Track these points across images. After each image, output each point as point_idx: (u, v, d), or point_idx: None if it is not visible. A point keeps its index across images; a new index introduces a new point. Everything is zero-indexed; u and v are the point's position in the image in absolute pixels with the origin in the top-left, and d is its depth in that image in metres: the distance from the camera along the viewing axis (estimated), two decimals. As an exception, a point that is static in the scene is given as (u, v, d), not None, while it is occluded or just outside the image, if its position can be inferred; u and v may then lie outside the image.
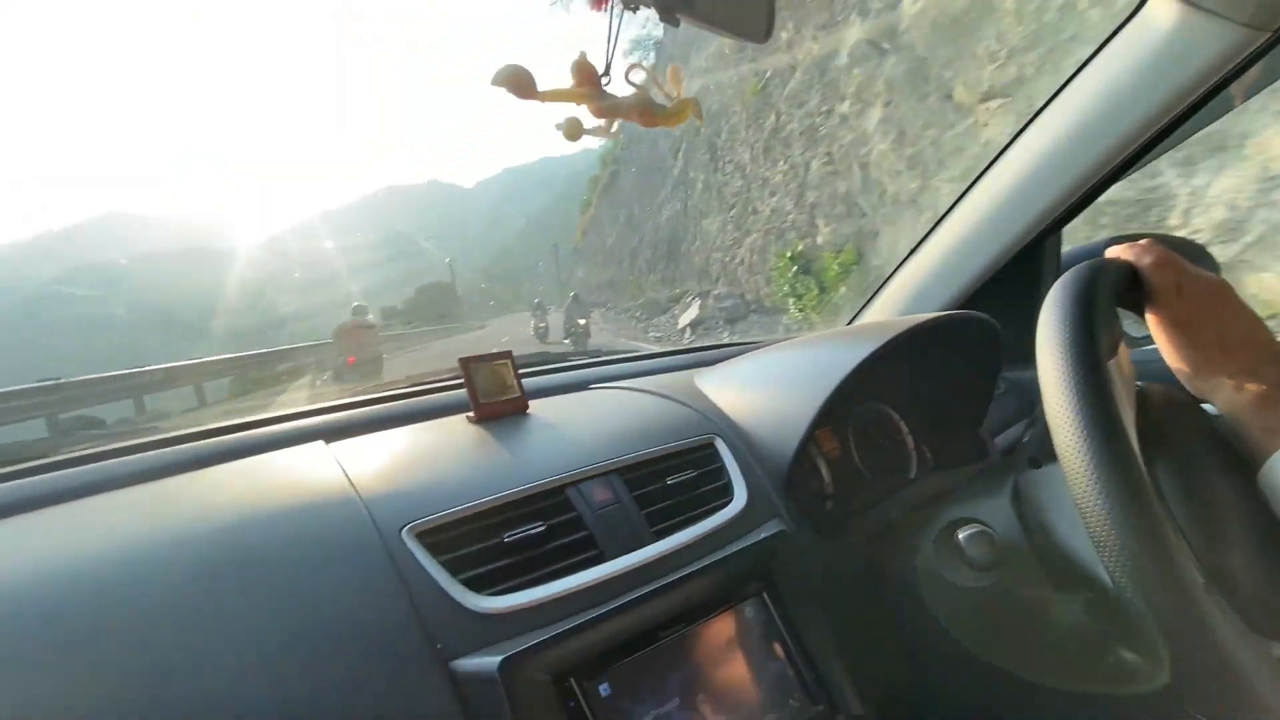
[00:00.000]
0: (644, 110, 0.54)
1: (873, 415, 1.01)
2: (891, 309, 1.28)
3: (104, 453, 0.84)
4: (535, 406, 0.89)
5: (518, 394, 0.89)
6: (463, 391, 0.92)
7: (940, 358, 0.97)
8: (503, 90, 0.48)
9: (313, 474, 0.73)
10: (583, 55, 0.51)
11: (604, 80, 0.51)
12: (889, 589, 0.78)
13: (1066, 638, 0.64)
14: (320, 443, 0.84)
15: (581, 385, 1.08)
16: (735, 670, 0.66)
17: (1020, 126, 1.08)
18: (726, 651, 0.67)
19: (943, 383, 1.00)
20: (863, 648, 0.74)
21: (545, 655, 0.56)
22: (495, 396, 0.88)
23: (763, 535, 0.72)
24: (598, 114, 0.53)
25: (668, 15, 0.49)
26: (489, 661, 0.53)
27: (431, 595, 0.58)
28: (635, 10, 0.50)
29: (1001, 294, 1.16)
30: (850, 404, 0.99)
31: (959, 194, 1.19)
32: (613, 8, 0.49)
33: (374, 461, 0.75)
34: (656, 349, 1.48)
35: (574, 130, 0.54)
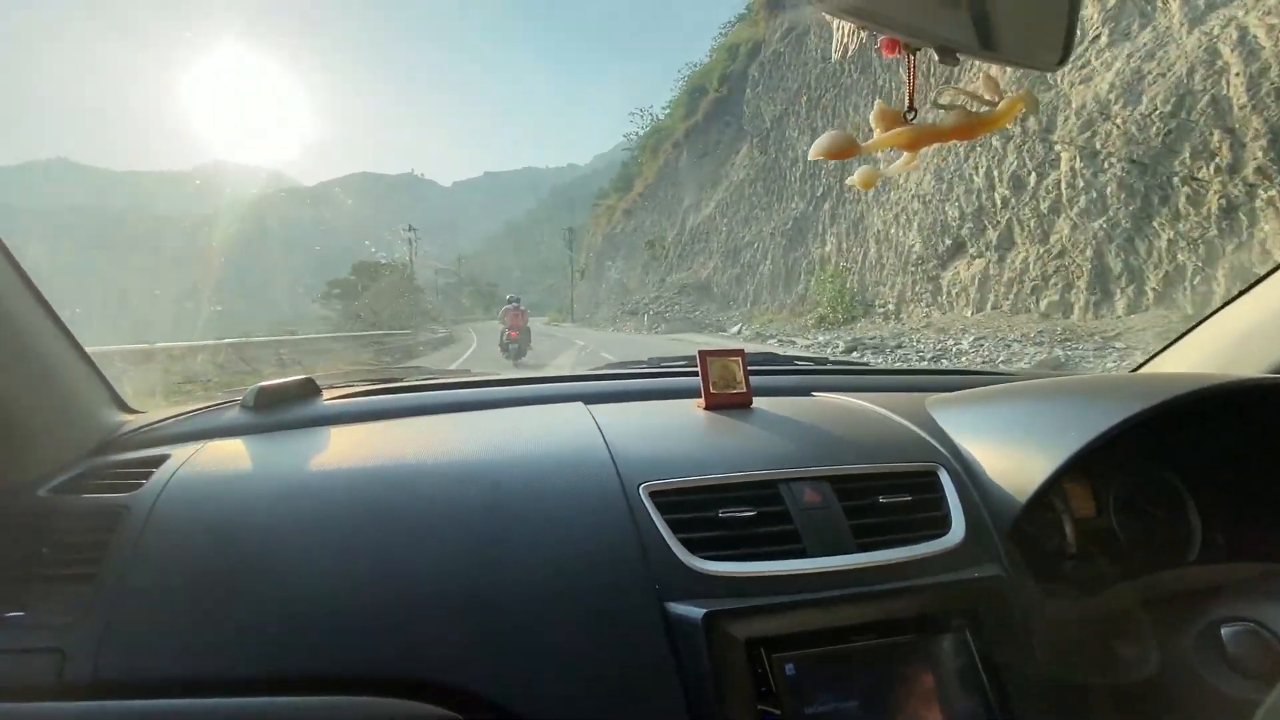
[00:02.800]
0: (966, 126, 0.53)
1: (1150, 482, 0.90)
2: (1196, 360, 1.08)
3: (430, 384, 1.11)
4: (759, 403, 1.00)
5: (744, 390, 1.01)
6: (695, 379, 1.05)
7: (1261, 428, 0.84)
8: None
9: (576, 428, 0.89)
10: (880, 103, 0.53)
11: (909, 117, 0.52)
12: (1121, 672, 0.73)
13: None
14: (580, 404, 1.00)
15: (804, 390, 1.13)
16: (921, 694, 0.66)
17: None
18: (915, 674, 0.67)
19: (1261, 460, 0.85)
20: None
21: (743, 620, 0.66)
22: (724, 389, 1.00)
23: (976, 575, 0.72)
24: (914, 146, 0.53)
25: (947, 57, 0.49)
26: (695, 611, 0.65)
27: (656, 545, 0.70)
28: (915, 53, 0.51)
29: None
30: (1118, 464, 0.90)
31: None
32: (908, 54, 0.50)
33: (622, 426, 0.89)
34: (885, 365, 1.56)
35: (869, 181, 0.56)
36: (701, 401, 0.99)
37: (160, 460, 0.78)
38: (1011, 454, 0.83)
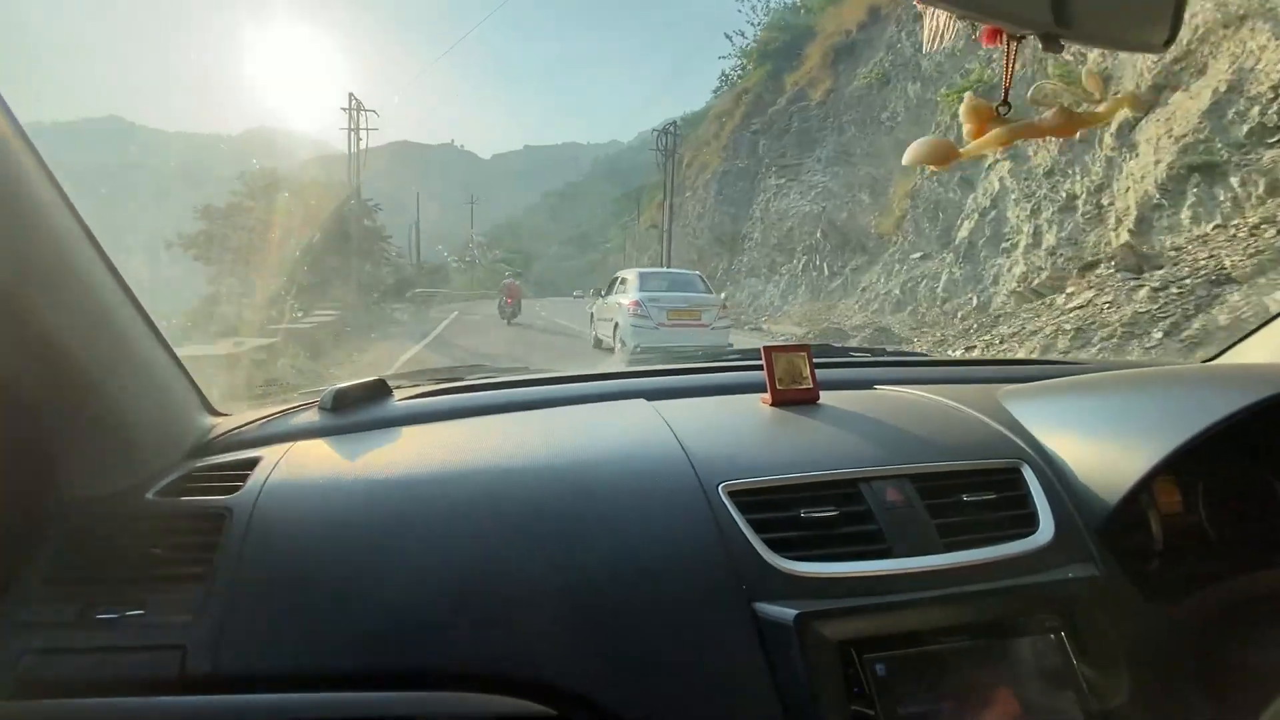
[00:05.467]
0: (1066, 123, 0.51)
1: (1240, 477, 0.86)
2: (1275, 350, 1.05)
3: (492, 383, 1.12)
4: (825, 398, 0.99)
5: (810, 385, 0.99)
6: (755, 374, 1.04)
7: None
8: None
9: (646, 426, 0.89)
10: (971, 97, 0.51)
11: (1002, 110, 0.51)
12: (1231, 682, 0.71)
13: None
14: (643, 400, 1.00)
15: (865, 384, 1.12)
16: (1015, 696, 0.66)
17: None
18: (1008, 676, 0.67)
19: None
20: None
21: (834, 621, 0.66)
22: (790, 384, 0.98)
23: (1069, 575, 0.70)
24: (1008, 143, 0.51)
25: (1050, 44, 0.47)
26: (786, 612, 0.65)
27: (740, 546, 0.70)
28: (1020, 40, 0.49)
29: None
30: (1205, 458, 0.85)
31: None
32: (1007, 41, 0.49)
33: (692, 424, 0.89)
34: (948, 356, 1.51)
35: (945, 160, 0.53)
36: (767, 397, 0.98)
37: (253, 463, 0.81)
38: (1101, 449, 0.80)
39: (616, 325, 8.47)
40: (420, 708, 0.65)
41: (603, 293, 10.15)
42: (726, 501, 0.72)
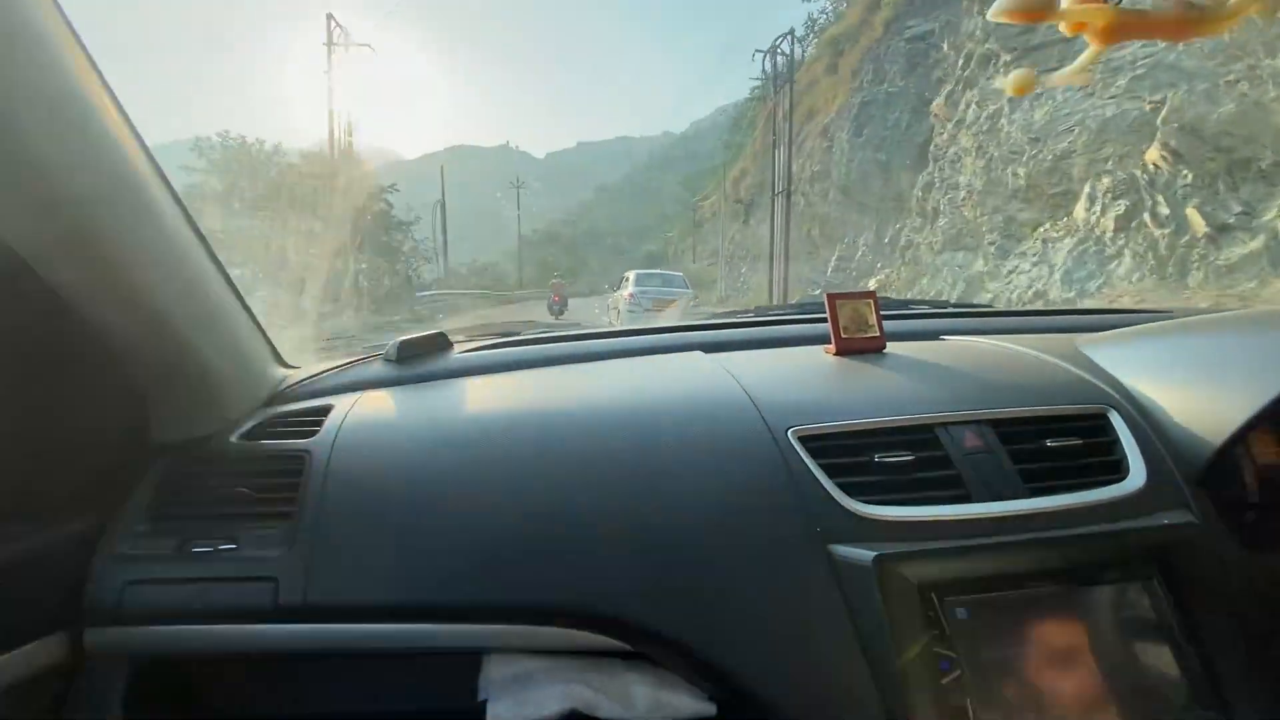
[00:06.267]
0: (1181, 21, 0.42)
1: None
2: None
3: (548, 337, 1.16)
4: (892, 348, 0.95)
5: (877, 333, 0.95)
6: (815, 326, 1.01)
7: None
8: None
9: (707, 375, 0.87)
10: None
11: None
12: None
13: None
14: (700, 352, 0.99)
15: (932, 334, 1.09)
16: (1105, 643, 0.64)
17: None
18: (1099, 622, 0.65)
19: None
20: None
21: (914, 564, 0.63)
22: (855, 333, 0.94)
23: (1165, 521, 0.68)
24: (1112, 36, 0.43)
25: None
26: (864, 554, 0.63)
27: (813, 490, 0.67)
28: None
29: None
30: None
31: None
32: None
33: (755, 372, 0.86)
34: (1015, 307, 1.46)
35: (1026, 83, 0.47)
36: (831, 347, 0.94)
37: (326, 410, 0.85)
38: (1196, 394, 0.77)
39: (619, 310, 11.66)
40: (494, 639, 0.66)
41: (615, 288, 13.13)
42: (797, 446, 0.71)
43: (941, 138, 12.05)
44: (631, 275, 12.15)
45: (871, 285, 9.96)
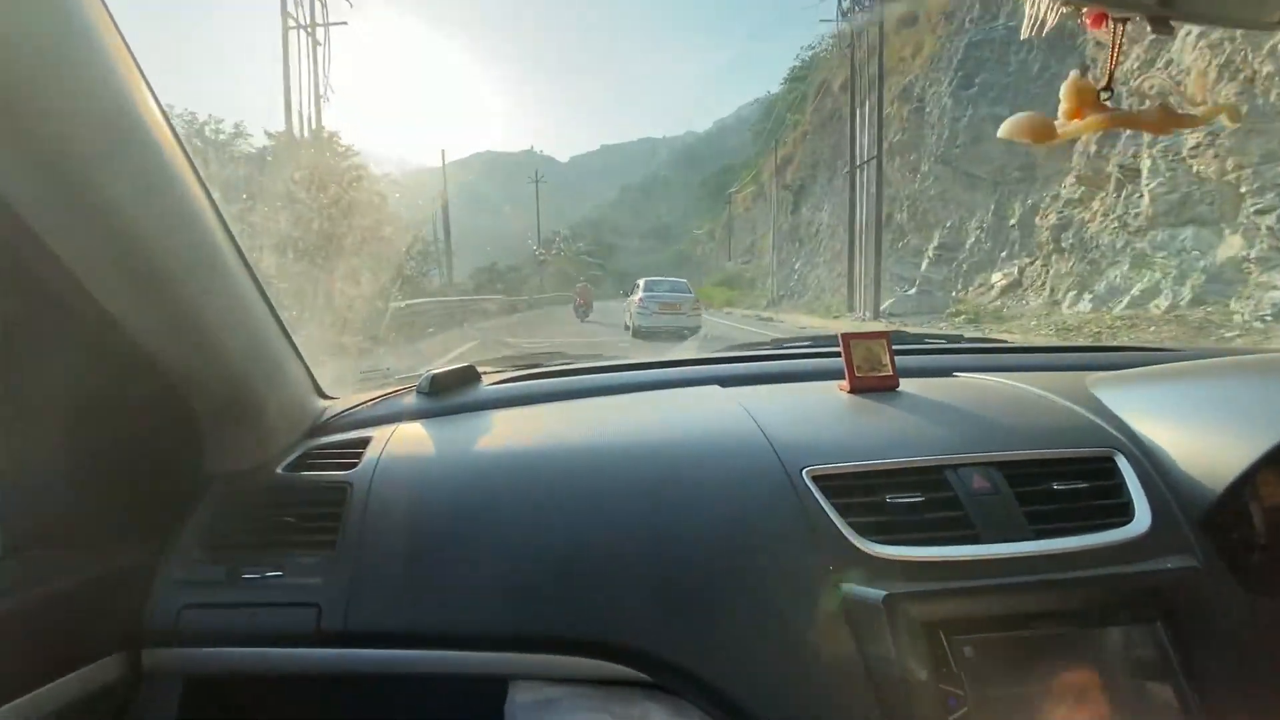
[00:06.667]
0: (1163, 120, 0.50)
1: None
2: None
3: (572, 369, 1.20)
4: (905, 385, 0.97)
5: (890, 372, 0.97)
6: (830, 360, 1.04)
7: None
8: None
9: (724, 411, 0.91)
10: (1076, 77, 0.50)
11: (1104, 96, 0.50)
12: None
13: None
14: (717, 386, 1.03)
15: (945, 370, 1.10)
16: (1109, 685, 0.65)
17: None
18: (1102, 664, 0.66)
19: None
20: None
21: (922, 603, 0.66)
22: (869, 371, 0.97)
23: (1168, 565, 0.69)
24: (1102, 128, 0.50)
25: (1160, 27, 0.45)
26: (875, 594, 0.65)
27: (825, 529, 0.70)
28: (1124, 24, 0.47)
29: None
30: None
31: None
32: (1114, 26, 0.47)
33: (770, 410, 0.90)
34: (1028, 342, 1.47)
35: (1043, 137, 0.52)
36: (845, 384, 0.97)
37: (365, 442, 0.90)
38: (1202, 437, 0.78)
39: (631, 313, 13.12)
40: (529, 668, 0.71)
41: (628, 294, 14.53)
42: (811, 486, 0.73)
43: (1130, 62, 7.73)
44: (641, 283, 14.11)
45: (997, 280, 8.06)
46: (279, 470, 0.86)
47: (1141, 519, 0.72)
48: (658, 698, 0.72)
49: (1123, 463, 0.78)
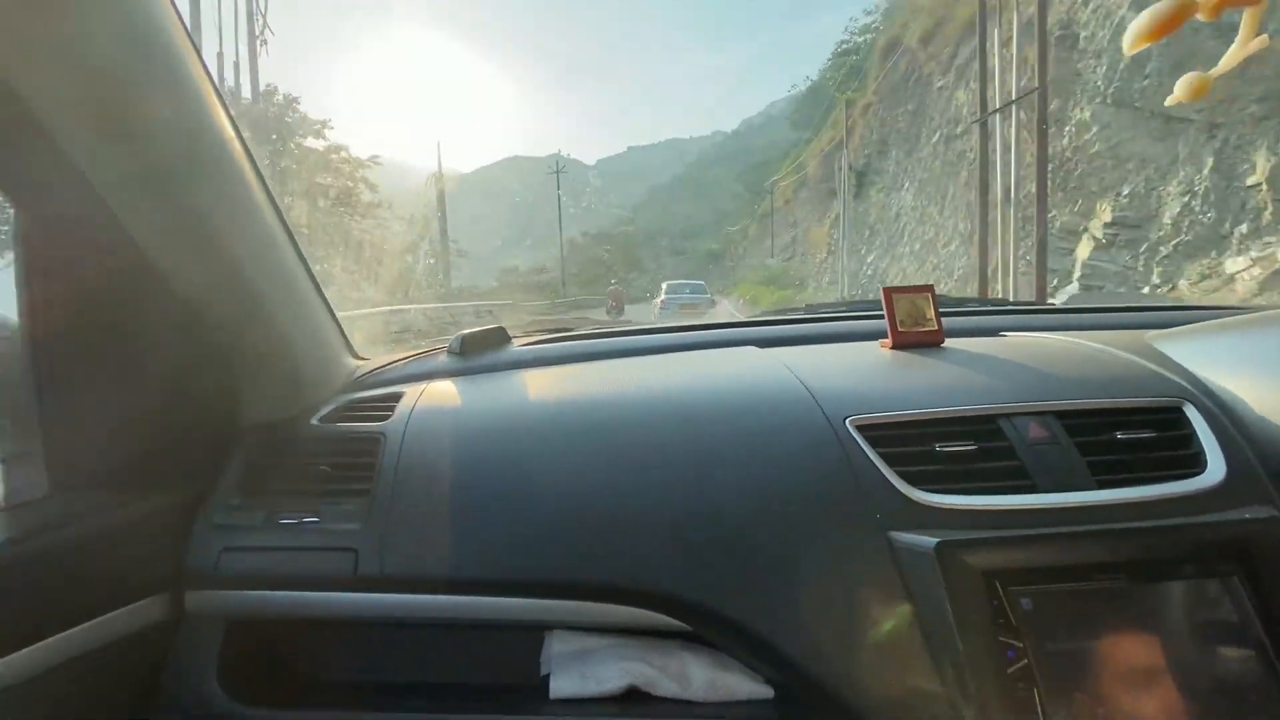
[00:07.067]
0: None
1: None
2: None
3: (603, 333, 1.20)
4: (951, 343, 0.94)
5: (935, 326, 0.94)
6: (869, 322, 1.01)
7: None
8: None
9: (762, 368, 0.89)
10: None
11: None
12: None
13: None
14: (753, 347, 1.00)
15: (992, 331, 1.07)
16: (1179, 640, 0.62)
17: None
18: (1173, 619, 0.63)
19: None
20: None
21: (977, 551, 0.62)
22: (913, 326, 0.94)
23: (1246, 516, 0.65)
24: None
25: None
26: (926, 540, 0.62)
27: (871, 478, 0.67)
28: None
29: None
30: None
31: None
32: None
33: (810, 365, 0.87)
34: (1075, 305, 1.41)
35: (1201, 90, 0.45)
36: (887, 342, 0.94)
37: (398, 396, 0.90)
38: (1277, 388, 0.74)
39: (655, 314, 14.37)
40: (558, 614, 0.70)
41: (653, 297, 16.55)
42: (856, 435, 0.71)
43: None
44: (664, 285, 15.97)
45: (1240, 267, 5.60)
46: (314, 421, 0.87)
47: (1215, 469, 0.68)
48: (697, 650, 0.70)
49: (1192, 412, 0.74)
